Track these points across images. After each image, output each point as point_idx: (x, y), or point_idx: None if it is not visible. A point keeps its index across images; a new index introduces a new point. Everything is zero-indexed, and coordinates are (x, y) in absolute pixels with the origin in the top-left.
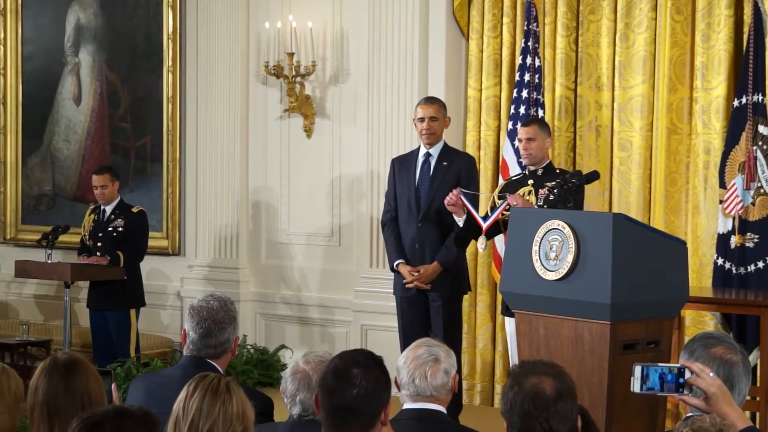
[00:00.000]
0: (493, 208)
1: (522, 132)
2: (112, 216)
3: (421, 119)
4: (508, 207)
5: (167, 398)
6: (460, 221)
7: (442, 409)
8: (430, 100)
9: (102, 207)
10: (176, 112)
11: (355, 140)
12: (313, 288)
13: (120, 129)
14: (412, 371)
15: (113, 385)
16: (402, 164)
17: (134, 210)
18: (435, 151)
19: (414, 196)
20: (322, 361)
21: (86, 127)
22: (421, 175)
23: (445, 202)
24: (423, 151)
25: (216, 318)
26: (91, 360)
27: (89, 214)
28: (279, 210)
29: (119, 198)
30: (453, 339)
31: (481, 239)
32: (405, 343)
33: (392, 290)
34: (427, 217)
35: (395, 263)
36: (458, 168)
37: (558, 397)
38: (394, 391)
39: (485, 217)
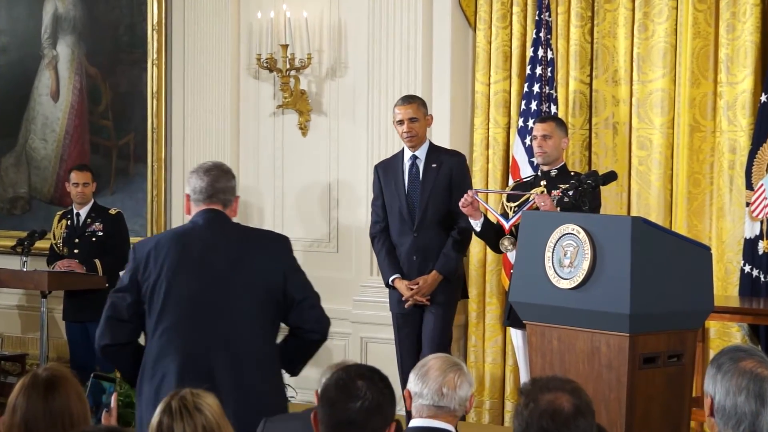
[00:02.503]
0: (505, 215)
1: (538, 128)
2: (88, 220)
3: (400, 122)
4: (534, 207)
5: (191, 243)
6: (477, 225)
7: (452, 428)
8: (408, 100)
9: (74, 211)
10: (161, 108)
11: (353, 138)
12: None
13: (101, 127)
14: (440, 379)
15: (114, 395)
16: (387, 170)
17: (112, 212)
18: (421, 152)
19: (406, 205)
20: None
21: (64, 124)
22: (411, 181)
23: (460, 204)
24: (408, 154)
25: (222, 168)
26: None
27: (59, 221)
28: (272, 213)
29: (93, 200)
30: (441, 347)
31: (507, 241)
32: (402, 361)
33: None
34: (422, 225)
35: (390, 279)
36: (449, 168)
37: (577, 413)
38: (399, 406)
39: (505, 218)
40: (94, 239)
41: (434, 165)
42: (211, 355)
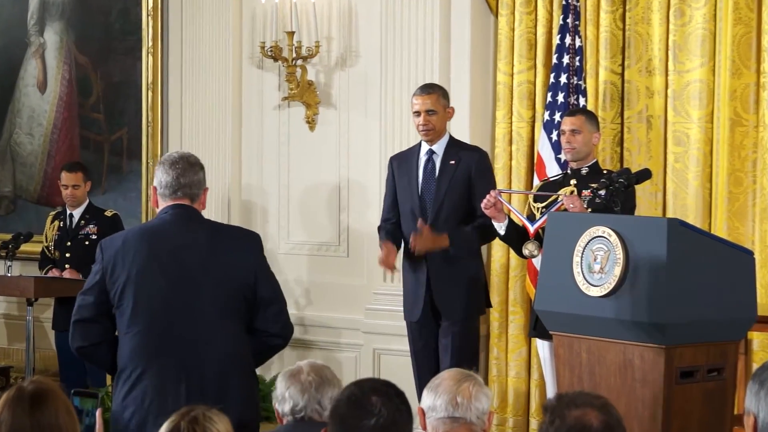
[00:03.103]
0: (531, 216)
1: (566, 122)
2: (82, 221)
3: (417, 113)
4: (563, 208)
5: (160, 241)
6: (501, 228)
7: None
8: (427, 90)
9: (68, 211)
10: (157, 100)
11: (366, 133)
12: (317, 306)
13: (92, 120)
14: (453, 388)
15: (98, 411)
16: (401, 164)
17: (107, 214)
18: (439, 147)
19: (418, 204)
20: (319, 365)
21: (52, 118)
22: (425, 178)
23: (482, 205)
24: (425, 148)
25: (188, 160)
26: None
27: (52, 222)
28: (277, 214)
29: (88, 201)
30: (465, 368)
31: (532, 245)
32: (419, 375)
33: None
34: (435, 228)
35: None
36: (467, 166)
37: (607, 430)
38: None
39: (531, 220)
40: (87, 243)
41: (452, 162)
42: (183, 360)
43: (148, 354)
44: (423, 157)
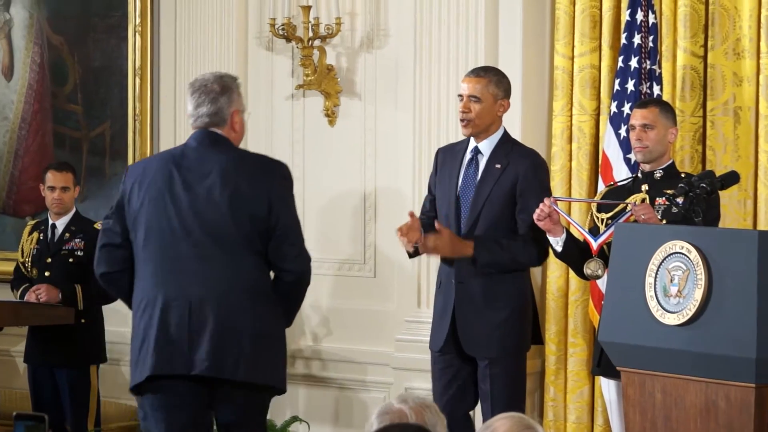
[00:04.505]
0: (595, 229)
1: (637, 115)
2: (67, 234)
3: (460, 97)
4: (632, 219)
5: (178, 169)
6: (557, 243)
7: None
8: (477, 72)
9: (50, 221)
10: (146, 89)
11: (396, 128)
12: (338, 336)
13: (67, 113)
14: None
15: None
16: (447, 158)
17: (97, 226)
18: (486, 146)
19: (454, 211)
20: (423, 404)
21: (20, 110)
22: (465, 180)
23: (535, 217)
24: (472, 144)
25: (206, 87)
26: None
27: (30, 233)
28: None
29: (75, 210)
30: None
31: (595, 264)
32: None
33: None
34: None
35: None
36: (515, 173)
37: None
38: None
39: (594, 234)
40: (71, 260)
41: (498, 165)
42: (187, 293)
43: (154, 284)
44: (467, 156)
